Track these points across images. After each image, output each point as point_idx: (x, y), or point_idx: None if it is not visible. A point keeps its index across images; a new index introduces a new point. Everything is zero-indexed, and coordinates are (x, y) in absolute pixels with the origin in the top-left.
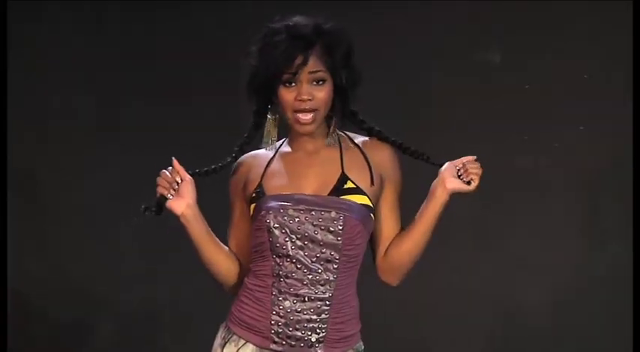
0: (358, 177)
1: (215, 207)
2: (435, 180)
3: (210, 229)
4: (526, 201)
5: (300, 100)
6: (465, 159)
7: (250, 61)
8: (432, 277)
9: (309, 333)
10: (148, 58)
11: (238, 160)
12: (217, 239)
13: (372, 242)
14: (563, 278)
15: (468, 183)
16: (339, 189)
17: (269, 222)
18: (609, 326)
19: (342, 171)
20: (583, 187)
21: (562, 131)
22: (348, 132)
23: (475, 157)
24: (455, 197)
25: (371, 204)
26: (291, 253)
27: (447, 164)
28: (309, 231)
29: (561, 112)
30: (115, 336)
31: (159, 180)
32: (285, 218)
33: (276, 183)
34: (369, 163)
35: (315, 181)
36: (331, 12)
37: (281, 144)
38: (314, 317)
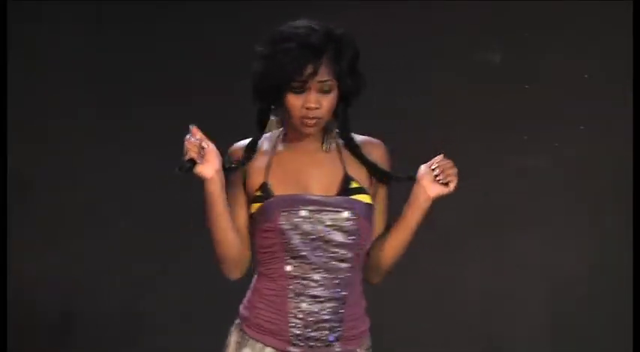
0: (359, 176)
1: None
2: (415, 187)
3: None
4: (526, 201)
5: (308, 108)
6: (437, 159)
7: (257, 65)
8: (432, 276)
9: (327, 333)
10: (148, 58)
11: (231, 148)
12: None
13: None
14: (563, 278)
15: (446, 184)
16: (346, 189)
17: (282, 224)
18: (609, 326)
19: (345, 172)
20: (583, 187)
21: (562, 131)
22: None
23: (442, 156)
24: (455, 197)
25: (372, 203)
26: (305, 254)
27: (422, 168)
28: (323, 232)
29: (561, 112)
30: (115, 336)
31: (186, 144)
32: (298, 219)
33: (283, 184)
34: (365, 162)
35: (321, 181)
36: (331, 12)
37: (276, 139)
38: (331, 316)
